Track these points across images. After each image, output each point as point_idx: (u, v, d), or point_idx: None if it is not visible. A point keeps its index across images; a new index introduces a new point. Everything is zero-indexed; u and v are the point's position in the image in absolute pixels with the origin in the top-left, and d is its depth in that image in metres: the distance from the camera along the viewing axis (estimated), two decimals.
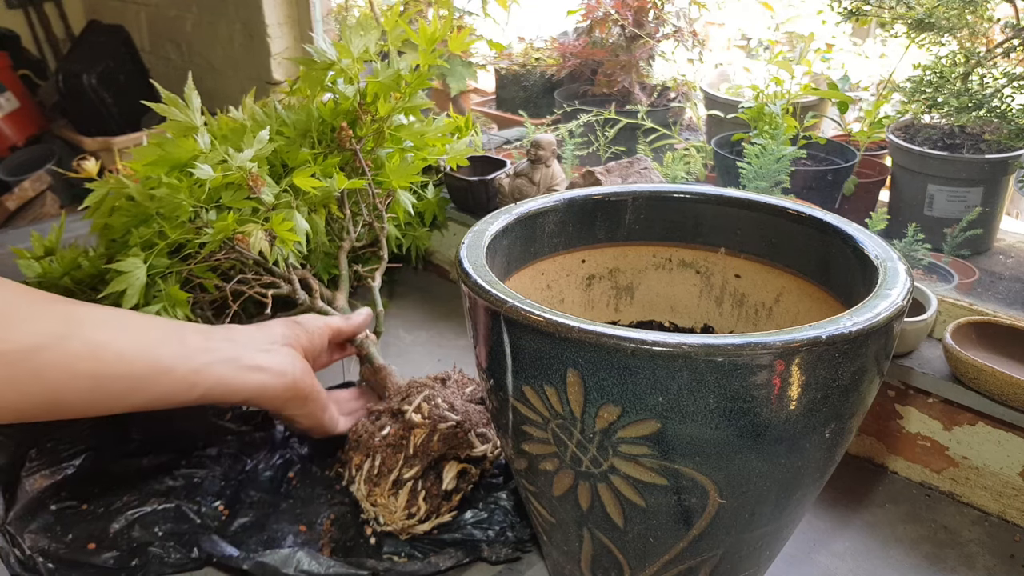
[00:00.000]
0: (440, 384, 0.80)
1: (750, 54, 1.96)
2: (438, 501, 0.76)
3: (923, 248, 1.09)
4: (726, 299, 0.83)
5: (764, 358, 0.52)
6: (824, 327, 0.53)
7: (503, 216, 0.74)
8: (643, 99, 1.53)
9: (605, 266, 0.84)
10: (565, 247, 0.81)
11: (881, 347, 0.58)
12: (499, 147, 1.56)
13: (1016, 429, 0.84)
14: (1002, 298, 1.09)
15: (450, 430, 0.75)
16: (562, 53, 1.65)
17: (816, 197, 1.24)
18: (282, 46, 1.69)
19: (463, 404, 0.78)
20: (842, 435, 0.61)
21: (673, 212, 0.82)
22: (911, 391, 0.91)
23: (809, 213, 0.74)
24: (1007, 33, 1.09)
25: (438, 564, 0.74)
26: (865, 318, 0.55)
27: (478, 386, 0.80)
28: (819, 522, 0.88)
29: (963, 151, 1.17)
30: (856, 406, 0.59)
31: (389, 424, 0.76)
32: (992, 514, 0.89)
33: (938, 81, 1.09)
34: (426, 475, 0.75)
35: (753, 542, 0.65)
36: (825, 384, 0.55)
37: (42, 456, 0.85)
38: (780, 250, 0.77)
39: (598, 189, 0.82)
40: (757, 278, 0.80)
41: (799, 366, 0.53)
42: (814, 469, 0.61)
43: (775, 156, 1.18)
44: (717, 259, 0.82)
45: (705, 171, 1.41)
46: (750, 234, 0.79)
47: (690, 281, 0.84)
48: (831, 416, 0.57)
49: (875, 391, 0.62)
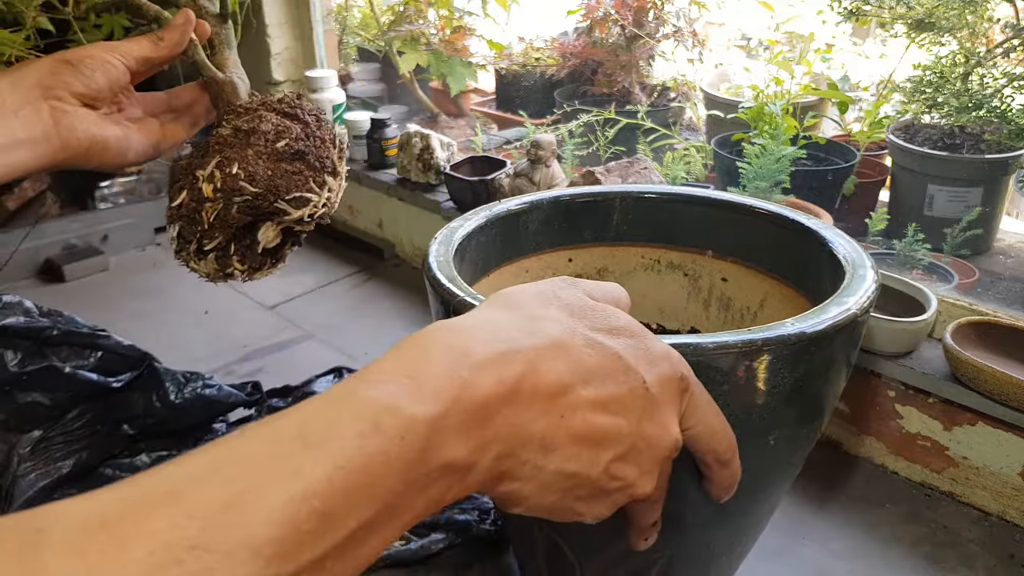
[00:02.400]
0: (250, 137, 0.65)
1: (750, 54, 1.96)
2: (260, 259, 0.68)
3: (923, 248, 1.09)
4: (713, 302, 0.82)
5: (723, 359, 0.50)
6: (767, 331, 0.52)
7: (482, 213, 0.74)
8: (643, 99, 1.53)
9: (593, 266, 0.83)
10: (551, 245, 0.80)
11: (828, 355, 0.56)
12: (499, 147, 1.56)
13: (1016, 429, 0.84)
14: (1002, 298, 1.09)
15: (248, 202, 0.64)
16: (562, 53, 1.65)
17: (816, 197, 1.24)
18: (282, 46, 1.69)
19: (269, 168, 0.64)
20: (793, 441, 0.59)
21: (661, 213, 0.81)
22: (911, 391, 0.91)
23: (791, 217, 0.73)
24: (1007, 33, 1.09)
25: (429, 547, 0.76)
26: (810, 323, 0.53)
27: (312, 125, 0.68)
28: (818, 521, 0.88)
29: (963, 151, 1.17)
30: (792, 413, 0.57)
31: (185, 189, 0.64)
32: (992, 514, 0.89)
33: (938, 81, 1.09)
34: (240, 237, 0.66)
35: (704, 546, 0.63)
36: (768, 388, 0.53)
37: (36, 456, 0.85)
38: (765, 254, 0.76)
39: (584, 189, 0.81)
40: (743, 282, 0.79)
41: (742, 368, 0.52)
42: (761, 474, 0.59)
43: (775, 156, 1.18)
44: (704, 262, 0.81)
45: (705, 171, 1.41)
46: (736, 237, 0.78)
47: (678, 283, 0.83)
48: (775, 422, 0.55)
49: (832, 392, 0.60)
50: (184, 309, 1.35)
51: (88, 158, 0.63)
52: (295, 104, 0.67)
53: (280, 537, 0.27)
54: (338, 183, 0.67)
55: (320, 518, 0.28)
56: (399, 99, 1.95)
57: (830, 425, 1.00)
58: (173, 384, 0.93)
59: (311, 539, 0.28)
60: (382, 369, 0.33)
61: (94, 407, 0.90)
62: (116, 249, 1.64)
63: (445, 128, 1.74)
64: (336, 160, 0.66)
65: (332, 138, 0.66)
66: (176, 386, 0.93)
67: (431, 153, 1.35)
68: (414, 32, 1.66)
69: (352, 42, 1.90)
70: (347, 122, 1.53)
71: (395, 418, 0.31)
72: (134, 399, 0.92)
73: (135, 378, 0.92)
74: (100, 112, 0.64)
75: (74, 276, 1.52)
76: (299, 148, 0.64)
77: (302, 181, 0.65)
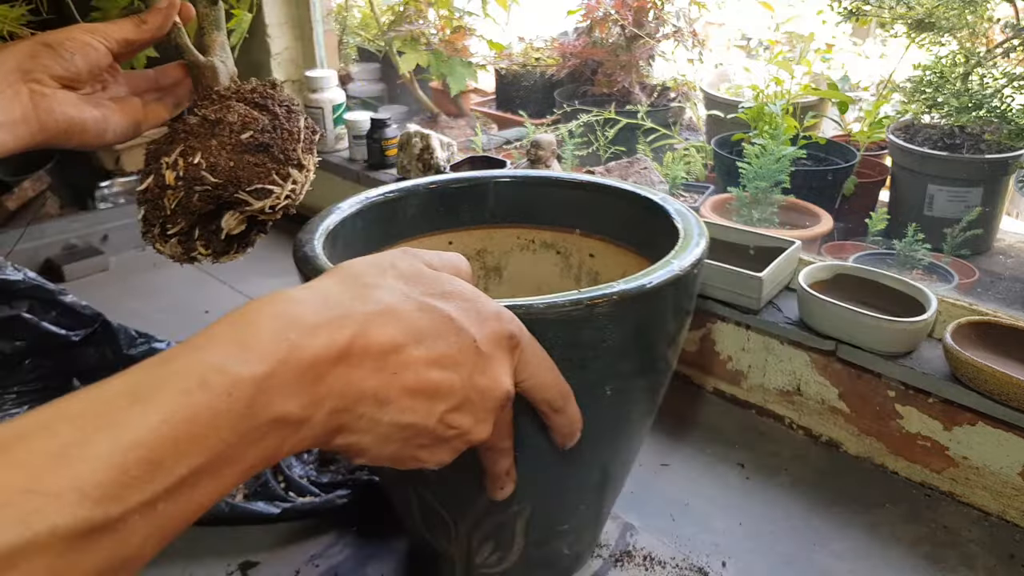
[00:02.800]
0: (215, 127, 0.65)
1: (750, 54, 1.96)
2: (224, 244, 0.70)
3: (923, 248, 1.09)
4: (584, 277, 0.88)
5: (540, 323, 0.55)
6: (594, 291, 0.57)
7: (360, 198, 0.78)
8: (643, 99, 1.53)
9: (472, 247, 0.88)
10: (431, 229, 0.85)
11: (654, 310, 0.62)
12: (499, 147, 1.56)
13: (1016, 429, 0.84)
14: (1002, 298, 1.09)
15: (208, 192, 0.64)
16: (562, 53, 1.65)
17: (816, 197, 1.24)
18: (282, 46, 1.69)
19: (231, 160, 0.64)
20: (631, 392, 0.65)
21: (531, 196, 0.87)
22: (911, 391, 0.91)
23: (643, 195, 0.79)
24: (1007, 33, 1.09)
25: (333, 501, 0.88)
26: (634, 284, 0.59)
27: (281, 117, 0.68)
28: (818, 522, 0.88)
29: (963, 151, 1.17)
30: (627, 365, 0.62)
31: (151, 175, 0.65)
32: (992, 514, 0.89)
33: (938, 81, 1.09)
34: (204, 223, 0.67)
35: (562, 495, 0.69)
36: (599, 342, 0.59)
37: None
38: (624, 230, 0.83)
39: (459, 175, 0.87)
40: (608, 257, 0.85)
41: (573, 325, 0.57)
42: (604, 424, 0.65)
43: (775, 156, 1.18)
44: (574, 240, 0.87)
45: (705, 171, 1.41)
46: (600, 216, 0.84)
47: (551, 261, 0.89)
48: (610, 374, 0.61)
49: (665, 345, 0.66)
50: (184, 309, 1.35)
51: (68, 138, 0.64)
52: (267, 94, 0.67)
53: (108, 481, 0.29)
54: (304, 175, 0.67)
55: (148, 465, 0.31)
56: (399, 99, 1.95)
57: (829, 425, 1.00)
58: (125, 338, 1.02)
59: (139, 484, 0.30)
60: (211, 334, 0.36)
61: (49, 360, 0.99)
62: (116, 249, 1.64)
63: (445, 128, 1.74)
64: (302, 154, 0.66)
65: (299, 131, 0.67)
66: (128, 340, 1.02)
67: (431, 153, 1.35)
68: (414, 32, 1.66)
69: (352, 42, 1.90)
70: (347, 122, 1.53)
71: (222, 376, 0.33)
72: (89, 353, 1.00)
73: (91, 333, 1.00)
74: (81, 93, 0.64)
75: (74, 276, 1.52)
76: (263, 141, 0.65)
77: (264, 173, 0.66)
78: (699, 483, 0.95)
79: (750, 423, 1.07)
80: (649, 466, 0.98)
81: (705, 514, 0.90)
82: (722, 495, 0.93)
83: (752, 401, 1.09)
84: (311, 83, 1.57)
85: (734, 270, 0.95)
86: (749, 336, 1.06)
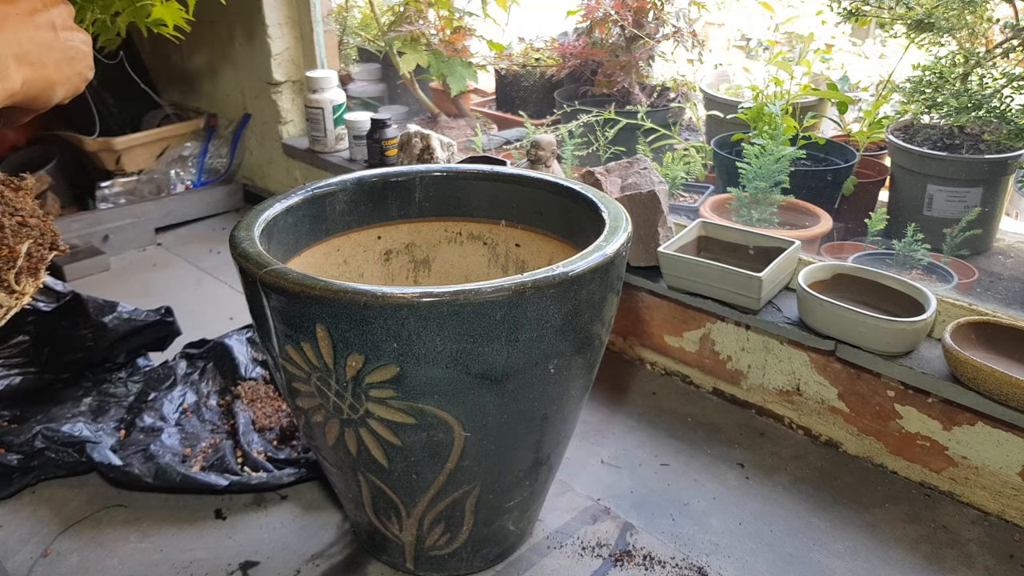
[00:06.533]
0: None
1: (750, 54, 1.96)
2: None
3: (922, 248, 1.09)
4: (510, 266, 0.92)
5: (488, 304, 0.59)
6: (537, 274, 0.61)
7: (291, 195, 0.81)
8: (643, 99, 1.53)
9: (401, 241, 0.92)
10: (360, 224, 0.89)
11: (591, 291, 0.66)
12: (499, 147, 1.56)
13: (1016, 429, 0.84)
14: (1001, 298, 1.09)
15: None
16: (562, 53, 1.65)
17: (815, 197, 1.24)
18: (282, 46, 1.69)
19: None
20: (571, 368, 0.68)
21: (458, 189, 0.90)
22: (911, 391, 0.92)
23: (566, 185, 0.82)
24: (1007, 33, 1.09)
25: (281, 478, 0.94)
26: (573, 267, 0.63)
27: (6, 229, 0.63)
28: (818, 521, 0.88)
29: (963, 151, 1.17)
30: (567, 343, 0.66)
31: None
32: (991, 514, 0.89)
33: (938, 81, 1.09)
34: None
35: (506, 473, 0.72)
36: (543, 321, 0.62)
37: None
38: (548, 219, 0.86)
39: (385, 170, 0.89)
40: (533, 246, 0.89)
41: (518, 306, 0.61)
42: (547, 399, 0.68)
43: (774, 156, 1.18)
44: (499, 231, 0.91)
45: (705, 171, 1.41)
46: (524, 206, 0.88)
47: (479, 252, 0.93)
48: (553, 352, 0.65)
49: (600, 323, 0.69)
50: (184, 309, 1.35)
51: None
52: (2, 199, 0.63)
53: None
54: (14, 300, 0.63)
55: None
56: (399, 99, 1.95)
57: (829, 425, 1.00)
58: (94, 307, 1.12)
59: None
60: None
61: (30, 334, 1.09)
62: (116, 249, 1.65)
63: (445, 128, 1.74)
64: (14, 278, 0.63)
65: (16, 255, 0.62)
66: (96, 308, 1.12)
67: (431, 153, 1.35)
68: (414, 32, 1.66)
69: (352, 43, 1.90)
70: (347, 122, 1.53)
71: None
72: (63, 326, 1.10)
73: (63, 305, 1.11)
74: None
75: (74, 276, 1.52)
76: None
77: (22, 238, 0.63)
78: (699, 483, 0.95)
79: (750, 423, 1.07)
80: (649, 466, 0.98)
81: (705, 514, 0.90)
82: (722, 495, 0.93)
83: (752, 401, 1.09)
84: (311, 83, 1.58)
85: (734, 270, 0.95)
86: (749, 336, 1.06)
